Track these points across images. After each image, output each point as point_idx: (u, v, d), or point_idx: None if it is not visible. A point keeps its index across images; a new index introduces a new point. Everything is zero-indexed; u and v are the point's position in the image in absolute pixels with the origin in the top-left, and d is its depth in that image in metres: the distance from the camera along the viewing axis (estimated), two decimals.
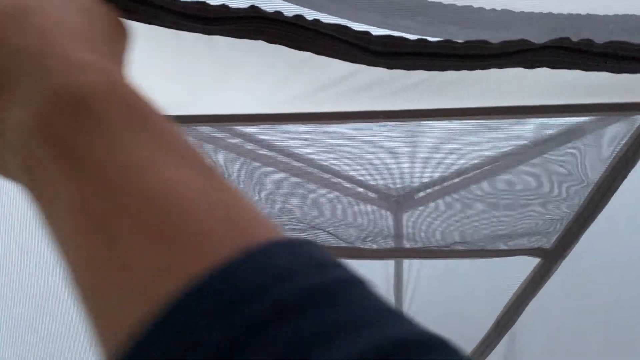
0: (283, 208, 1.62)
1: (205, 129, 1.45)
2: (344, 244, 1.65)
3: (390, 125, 1.40)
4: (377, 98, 1.11)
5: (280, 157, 1.53)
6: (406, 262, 2.16)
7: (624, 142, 1.34)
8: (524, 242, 1.60)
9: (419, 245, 1.73)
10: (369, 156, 1.52)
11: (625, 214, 1.66)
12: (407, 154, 1.52)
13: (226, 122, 1.36)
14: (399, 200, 1.74)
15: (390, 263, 2.15)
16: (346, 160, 1.54)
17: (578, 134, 1.41)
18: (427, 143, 1.46)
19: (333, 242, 1.66)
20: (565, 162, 1.47)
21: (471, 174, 1.55)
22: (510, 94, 1.19)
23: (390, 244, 1.75)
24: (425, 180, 1.62)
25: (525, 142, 1.43)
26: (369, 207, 1.75)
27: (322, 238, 1.63)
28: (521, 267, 1.74)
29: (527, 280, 1.71)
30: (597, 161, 1.40)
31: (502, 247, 1.61)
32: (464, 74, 0.81)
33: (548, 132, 1.43)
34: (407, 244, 1.75)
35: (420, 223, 1.73)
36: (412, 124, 1.38)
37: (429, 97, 1.18)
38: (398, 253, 1.79)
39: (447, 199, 1.61)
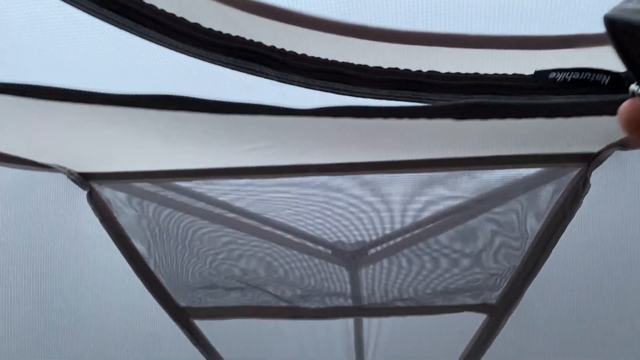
0: (216, 264, 1.61)
1: (144, 185, 1.45)
2: (283, 304, 1.63)
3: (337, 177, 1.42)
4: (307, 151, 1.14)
5: (219, 211, 1.53)
6: (366, 320, 2.14)
7: (560, 194, 1.39)
8: (469, 298, 1.61)
9: (377, 301, 1.73)
10: (318, 209, 1.53)
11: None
12: (357, 208, 1.54)
13: (162, 178, 1.37)
14: (353, 256, 1.74)
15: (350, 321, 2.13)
16: (295, 213, 1.55)
17: (516, 189, 1.45)
18: (375, 197, 1.49)
19: (273, 302, 1.64)
20: (504, 217, 1.51)
21: (419, 230, 1.58)
22: (446, 146, 1.23)
23: (347, 302, 1.74)
24: (375, 237, 1.64)
25: (463, 198, 1.46)
26: (321, 263, 1.75)
27: (260, 296, 1.62)
28: (471, 322, 1.74)
29: (475, 338, 1.71)
30: (535, 215, 1.44)
31: (448, 303, 1.62)
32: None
33: (487, 188, 1.47)
34: (365, 301, 1.75)
35: (376, 279, 1.73)
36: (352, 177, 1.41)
37: (362, 152, 1.21)
38: (345, 312, 1.78)
39: (399, 254, 1.63)
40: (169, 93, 0.94)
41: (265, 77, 1.07)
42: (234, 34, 0.96)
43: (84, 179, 1.41)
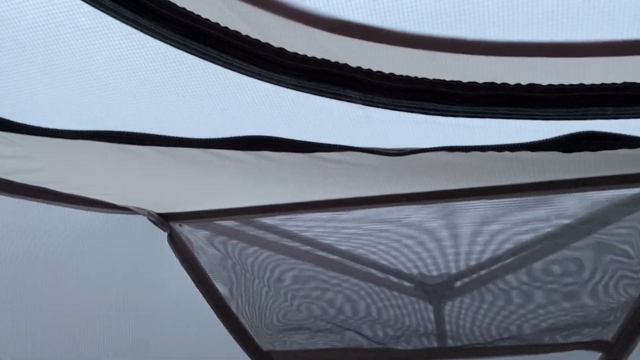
0: (302, 305, 1.58)
1: (208, 226, 1.45)
2: (375, 345, 1.58)
3: (418, 208, 1.38)
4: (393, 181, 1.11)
5: (304, 247, 1.51)
6: None
7: None
8: (580, 335, 1.50)
9: (463, 342, 1.65)
10: (399, 242, 1.49)
11: None
12: (442, 239, 1.48)
13: (244, 215, 1.37)
14: (436, 290, 1.67)
15: None
16: (374, 248, 1.51)
17: (631, 208, 1.36)
18: (462, 226, 1.43)
19: (364, 343, 1.59)
20: (618, 240, 1.41)
21: (511, 259, 1.50)
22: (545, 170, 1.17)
23: (431, 342, 1.67)
24: (463, 267, 1.57)
25: (568, 221, 1.38)
26: (405, 298, 1.69)
27: (349, 337, 1.57)
28: None
29: None
30: None
31: (557, 340, 1.52)
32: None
33: (595, 208, 1.38)
34: (450, 342, 1.66)
35: (462, 316, 1.65)
36: (442, 206, 1.36)
37: (456, 179, 1.16)
38: (438, 353, 1.70)
39: (489, 287, 1.55)
40: (252, 134, 0.94)
41: (350, 101, 1.05)
42: (319, 56, 0.95)
43: (164, 220, 1.42)
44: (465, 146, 0.98)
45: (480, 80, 1.03)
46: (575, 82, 1.01)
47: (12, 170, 0.99)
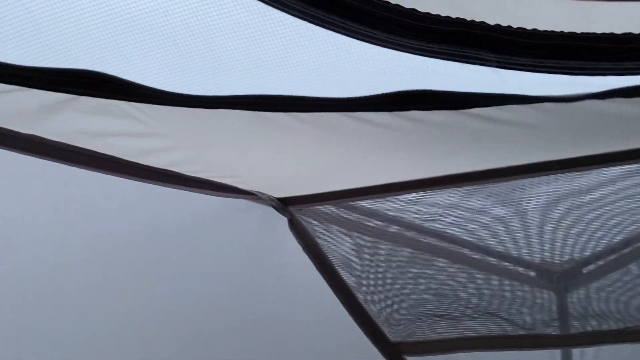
0: (437, 291, 1.53)
1: (331, 209, 1.42)
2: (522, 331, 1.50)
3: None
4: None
5: (429, 239, 1.45)
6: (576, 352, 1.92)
7: None
8: None
9: (593, 328, 1.54)
10: (517, 228, 1.41)
11: None
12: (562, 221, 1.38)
13: (366, 196, 1.33)
14: (562, 277, 1.57)
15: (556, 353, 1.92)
16: (491, 234, 1.43)
17: None
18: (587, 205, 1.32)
19: (509, 328, 1.52)
20: None
21: None
22: None
23: (554, 330, 1.57)
24: (589, 252, 1.46)
25: None
26: (525, 287, 1.60)
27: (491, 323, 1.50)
28: None
29: None
30: None
31: None
32: None
33: None
34: (577, 327, 1.56)
35: (593, 300, 1.54)
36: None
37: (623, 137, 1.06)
38: (568, 340, 1.59)
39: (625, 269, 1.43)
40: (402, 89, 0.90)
41: (483, 64, 0.99)
42: (453, 15, 0.89)
43: (284, 205, 1.42)
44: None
45: (637, 31, 0.94)
46: None
47: (142, 150, 1.02)
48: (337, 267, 1.50)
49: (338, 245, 1.47)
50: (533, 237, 1.45)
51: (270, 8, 0.93)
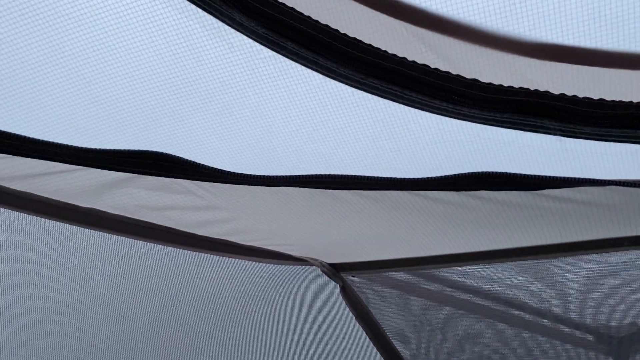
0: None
1: (407, 274, 1.40)
2: None
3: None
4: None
5: (487, 302, 1.41)
6: None
7: None
8: None
9: None
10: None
11: None
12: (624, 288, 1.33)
13: (422, 266, 1.31)
14: (622, 342, 1.50)
15: None
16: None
17: None
18: None
19: None
20: None
21: None
22: None
23: None
24: None
25: None
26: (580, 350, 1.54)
27: None
28: None
29: None
30: None
31: None
32: None
33: None
34: None
35: None
36: None
37: None
38: None
39: None
40: (471, 171, 0.90)
41: (547, 133, 0.97)
42: (516, 85, 0.89)
43: (336, 271, 1.40)
44: None
45: None
46: None
47: (198, 222, 1.03)
48: (391, 338, 1.47)
49: (392, 315, 1.45)
50: (592, 302, 1.41)
51: (327, 79, 0.94)
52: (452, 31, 0.83)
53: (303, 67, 0.93)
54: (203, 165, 0.88)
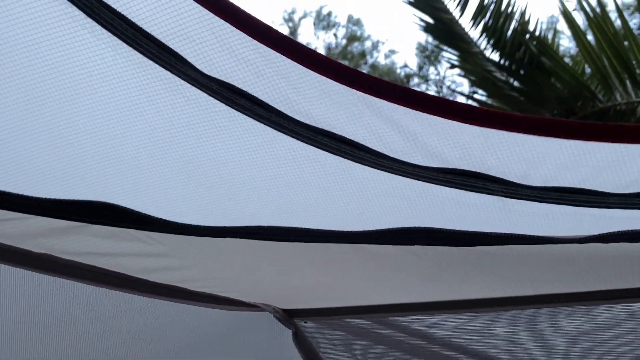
0: None
1: (358, 321, 1.43)
2: None
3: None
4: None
5: (439, 349, 1.45)
6: None
7: None
8: None
9: None
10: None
11: None
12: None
13: (377, 314, 1.35)
14: None
15: None
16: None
17: None
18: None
19: None
20: None
21: None
22: None
23: None
24: None
25: None
26: None
27: None
28: None
29: None
30: None
31: None
32: None
33: None
34: None
35: None
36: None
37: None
38: None
39: None
40: (407, 226, 0.95)
41: (489, 194, 1.03)
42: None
43: (289, 317, 1.43)
44: None
45: None
46: None
47: (149, 269, 1.06)
48: None
49: None
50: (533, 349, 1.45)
51: (279, 133, 0.99)
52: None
53: (257, 121, 0.97)
54: (150, 216, 0.92)
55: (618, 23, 4.58)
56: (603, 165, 0.94)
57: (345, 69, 0.94)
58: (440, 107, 0.92)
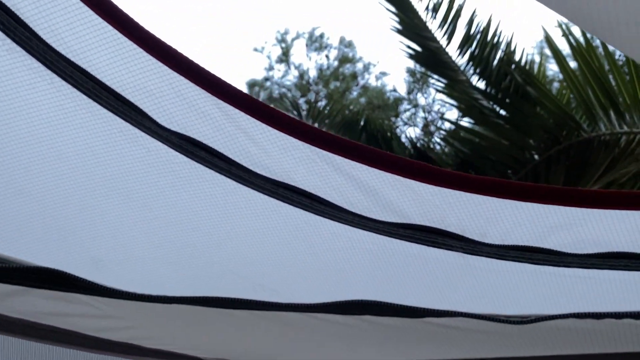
0: None
1: None
2: None
3: None
4: None
5: None
6: None
7: None
8: None
9: None
10: None
11: None
12: None
13: None
14: None
15: None
16: None
17: None
18: None
19: None
20: None
21: None
22: None
23: None
24: None
25: None
26: None
27: None
28: None
29: None
30: None
31: None
32: None
33: None
34: None
35: None
36: None
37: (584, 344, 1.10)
38: None
39: None
40: (355, 299, 0.97)
41: (449, 249, 1.04)
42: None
43: None
44: (597, 313, 0.95)
45: None
46: None
47: (100, 328, 1.05)
48: None
49: None
50: None
51: (240, 185, 0.99)
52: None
53: (217, 173, 0.98)
54: (94, 282, 0.92)
55: (601, 50, 4.64)
56: (558, 225, 0.96)
57: (305, 126, 0.95)
58: (400, 166, 0.94)
